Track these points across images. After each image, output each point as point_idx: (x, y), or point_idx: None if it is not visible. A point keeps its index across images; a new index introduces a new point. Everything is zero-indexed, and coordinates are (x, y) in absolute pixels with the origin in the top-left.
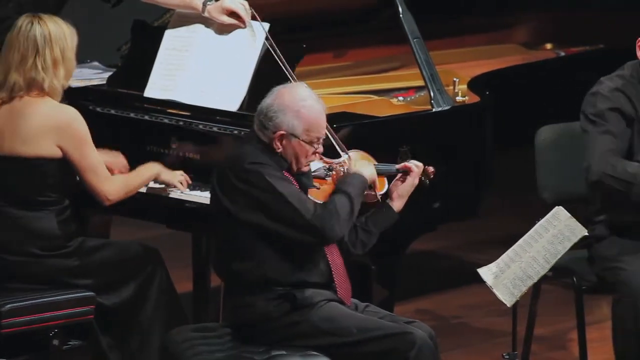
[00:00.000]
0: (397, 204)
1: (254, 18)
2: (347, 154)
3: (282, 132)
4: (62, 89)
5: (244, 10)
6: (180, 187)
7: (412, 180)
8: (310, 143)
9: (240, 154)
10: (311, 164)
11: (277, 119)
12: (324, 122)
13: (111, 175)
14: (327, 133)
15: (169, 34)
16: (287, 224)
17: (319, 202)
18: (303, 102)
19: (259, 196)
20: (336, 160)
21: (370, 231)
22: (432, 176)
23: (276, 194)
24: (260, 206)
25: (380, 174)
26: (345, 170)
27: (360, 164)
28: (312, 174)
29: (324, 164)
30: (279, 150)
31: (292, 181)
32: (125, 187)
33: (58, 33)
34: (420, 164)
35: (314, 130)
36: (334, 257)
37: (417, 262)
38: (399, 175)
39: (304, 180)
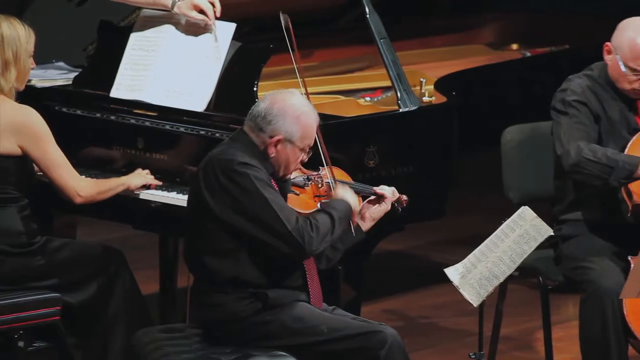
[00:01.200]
0: (367, 225)
1: (218, 19)
2: (326, 168)
3: (280, 137)
4: (15, 90)
5: (211, 9)
6: (154, 182)
7: (386, 206)
8: (302, 150)
9: (230, 152)
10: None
11: (277, 123)
12: (315, 131)
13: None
14: (317, 142)
15: (134, 34)
16: (266, 230)
17: (300, 211)
18: (303, 109)
19: (243, 199)
20: (315, 172)
21: (336, 248)
22: (404, 204)
23: (260, 198)
24: (242, 208)
25: (356, 193)
26: (324, 183)
27: (347, 192)
28: (292, 180)
29: (303, 174)
30: (272, 155)
31: (276, 188)
32: (97, 187)
33: (11, 35)
34: (396, 192)
35: (308, 137)
36: (308, 260)
37: (385, 262)
38: (373, 196)
39: (285, 186)
